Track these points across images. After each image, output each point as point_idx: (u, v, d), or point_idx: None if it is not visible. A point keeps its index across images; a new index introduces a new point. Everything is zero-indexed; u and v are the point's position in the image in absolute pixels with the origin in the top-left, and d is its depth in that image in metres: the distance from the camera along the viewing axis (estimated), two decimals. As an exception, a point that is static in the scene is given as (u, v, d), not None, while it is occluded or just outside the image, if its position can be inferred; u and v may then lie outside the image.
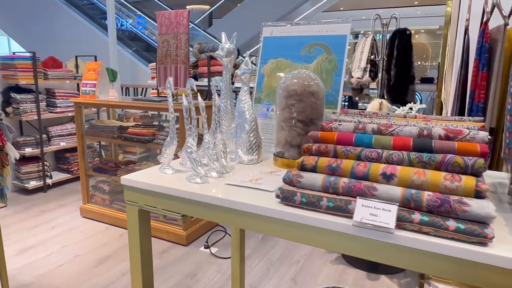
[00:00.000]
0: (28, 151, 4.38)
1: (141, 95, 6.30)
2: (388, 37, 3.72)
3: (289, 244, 3.36)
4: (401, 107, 3.01)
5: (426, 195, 0.80)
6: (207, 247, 3.30)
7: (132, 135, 3.60)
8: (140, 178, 1.16)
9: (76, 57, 5.15)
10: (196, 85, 4.17)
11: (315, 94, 1.22)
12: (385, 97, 3.72)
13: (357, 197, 0.84)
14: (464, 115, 2.33)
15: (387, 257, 0.81)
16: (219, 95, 1.30)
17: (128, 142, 3.66)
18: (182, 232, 3.35)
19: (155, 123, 4.50)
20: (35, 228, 3.65)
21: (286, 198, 0.93)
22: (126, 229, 3.65)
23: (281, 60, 1.49)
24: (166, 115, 5.44)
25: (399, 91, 3.74)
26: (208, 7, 10.16)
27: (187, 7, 9.48)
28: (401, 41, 3.67)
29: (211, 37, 8.69)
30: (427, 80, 8.22)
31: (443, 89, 2.70)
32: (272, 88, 1.50)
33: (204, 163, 1.19)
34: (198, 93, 1.31)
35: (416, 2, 12.20)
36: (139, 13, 9.29)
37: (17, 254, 3.16)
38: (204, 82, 4.22)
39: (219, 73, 4.34)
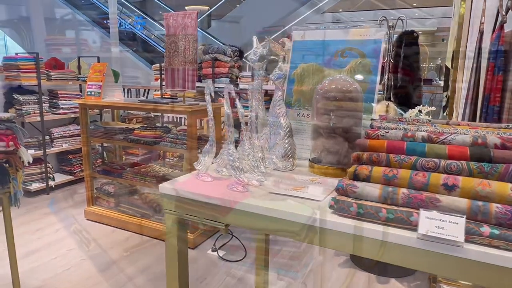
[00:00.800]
0: (31, 153, 4.30)
1: (143, 96, 6.23)
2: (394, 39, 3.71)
3: (296, 246, 3.33)
4: (409, 110, 2.99)
5: (495, 207, 0.77)
6: (214, 250, 3.27)
7: (139, 137, 3.55)
8: (180, 186, 1.12)
9: (79, 58, 5.09)
10: (198, 86, 4.08)
11: (354, 100, 1.19)
12: (391, 99, 3.70)
13: (421, 209, 0.82)
14: (476, 119, 2.32)
15: (455, 271, 0.78)
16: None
17: (134, 144, 3.61)
18: (189, 236, 3.30)
19: (158, 124, 4.45)
20: (39, 231, 3.59)
21: (341, 208, 0.90)
22: (132, 232, 3.59)
23: (312, 65, 1.45)
24: (168, 117, 5.40)
25: (406, 93, 3.73)
26: (207, 7, 10.09)
27: (186, 7, 9.41)
28: (408, 43, 3.67)
29: (211, 38, 8.64)
30: (426, 82, 8.23)
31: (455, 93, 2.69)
32: (303, 93, 1.46)
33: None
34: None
35: (414, 4, 12.23)
36: (138, 12, 9.21)
37: (22, 257, 3.10)
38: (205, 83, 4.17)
39: (224, 74, 4.30)
